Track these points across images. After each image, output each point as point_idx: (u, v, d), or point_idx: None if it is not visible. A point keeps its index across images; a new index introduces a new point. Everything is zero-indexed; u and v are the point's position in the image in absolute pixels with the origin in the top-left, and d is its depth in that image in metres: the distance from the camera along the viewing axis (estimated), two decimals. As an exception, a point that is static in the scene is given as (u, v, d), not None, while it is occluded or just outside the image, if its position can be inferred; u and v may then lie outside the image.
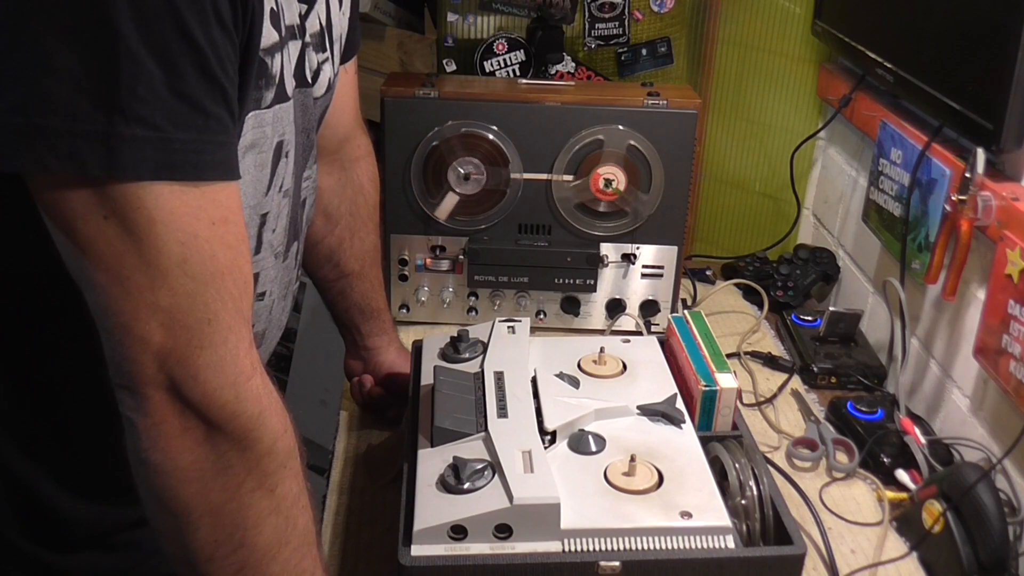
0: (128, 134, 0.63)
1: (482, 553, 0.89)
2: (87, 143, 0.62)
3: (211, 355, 0.69)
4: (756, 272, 1.67)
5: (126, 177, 0.64)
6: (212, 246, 0.68)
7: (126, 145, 0.63)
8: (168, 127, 0.65)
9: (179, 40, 0.64)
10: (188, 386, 0.69)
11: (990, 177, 1.15)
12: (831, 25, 1.57)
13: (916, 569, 1.08)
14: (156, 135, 0.64)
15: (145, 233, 0.65)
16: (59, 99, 0.62)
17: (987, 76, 1.11)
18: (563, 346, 1.22)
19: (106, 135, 0.62)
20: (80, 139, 0.62)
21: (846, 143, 1.66)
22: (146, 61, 0.63)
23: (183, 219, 0.66)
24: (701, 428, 1.11)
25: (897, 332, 1.39)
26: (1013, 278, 1.07)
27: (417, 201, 1.44)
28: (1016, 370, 1.06)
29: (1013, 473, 1.13)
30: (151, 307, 0.67)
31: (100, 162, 0.63)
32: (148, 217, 0.65)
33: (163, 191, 0.65)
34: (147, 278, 0.66)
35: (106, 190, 0.64)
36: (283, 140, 0.85)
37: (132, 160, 0.63)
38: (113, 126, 0.62)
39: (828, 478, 1.22)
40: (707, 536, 0.92)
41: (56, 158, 0.62)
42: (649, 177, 1.44)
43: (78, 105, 0.62)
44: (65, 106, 0.62)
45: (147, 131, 0.64)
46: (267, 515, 0.74)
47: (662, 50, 1.64)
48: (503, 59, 1.60)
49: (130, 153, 0.63)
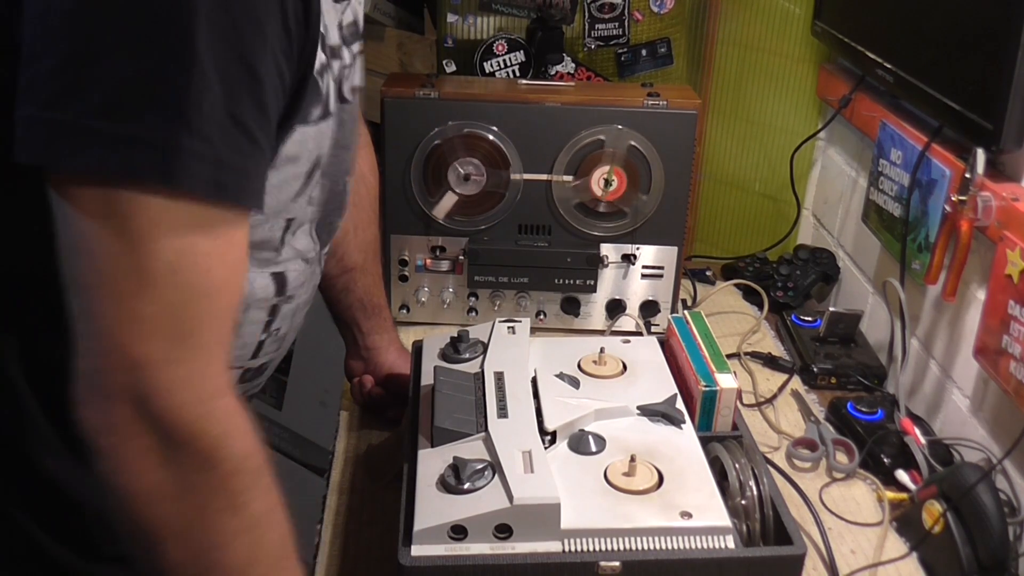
0: (189, 147, 0.64)
1: (482, 553, 0.89)
2: (149, 151, 0.63)
3: (184, 370, 0.68)
4: (756, 272, 1.67)
5: (180, 188, 0.65)
6: (210, 261, 0.68)
7: (186, 157, 0.64)
8: (222, 147, 0.66)
9: (241, 67, 0.66)
10: (156, 399, 0.68)
11: (990, 177, 1.15)
12: (831, 25, 1.57)
13: (916, 569, 1.08)
14: (212, 152, 0.65)
15: (145, 239, 0.65)
16: (128, 106, 0.63)
17: (987, 76, 1.11)
18: (563, 346, 1.22)
19: (169, 146, 0.64)
20: (142, 146, 0.63)
21: (846, 143, 1.66)
22: (213, 81, 0.64)
23: (195, 233, 0.67)
24: (701, 428, 1.11)
25: (897, 332, 1.39)
26: (1013, 278, 1.07)
27: (417, 201, 1.44)
28: (1016, 370, 1.06)
29: (1013, 473, 1.13)
30: (134, 314, 0.66)
31: (157, 171, 0.64)
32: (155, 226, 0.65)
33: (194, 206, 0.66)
34: (136, 284, 0.66)
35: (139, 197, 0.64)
36: (321, 156, 0.86)
37: (187, 173, 0.65)
38: (178, 138, 0.64)
39: (828, 478, 1.22)
40: (707, 536, 0.92)
41: (116, 162, 0.63)
42: (649, 177, 1.44)
43: (146, 114, 0.63)
44: (133, 113, 0.63)
45: (205, 147, 0.65)
46: (236, 534, 0.73)
47: (662, 51, 1.64)
48: (503, 60, 1.60)
49: (187, 166, 0.64)
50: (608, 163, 1.42)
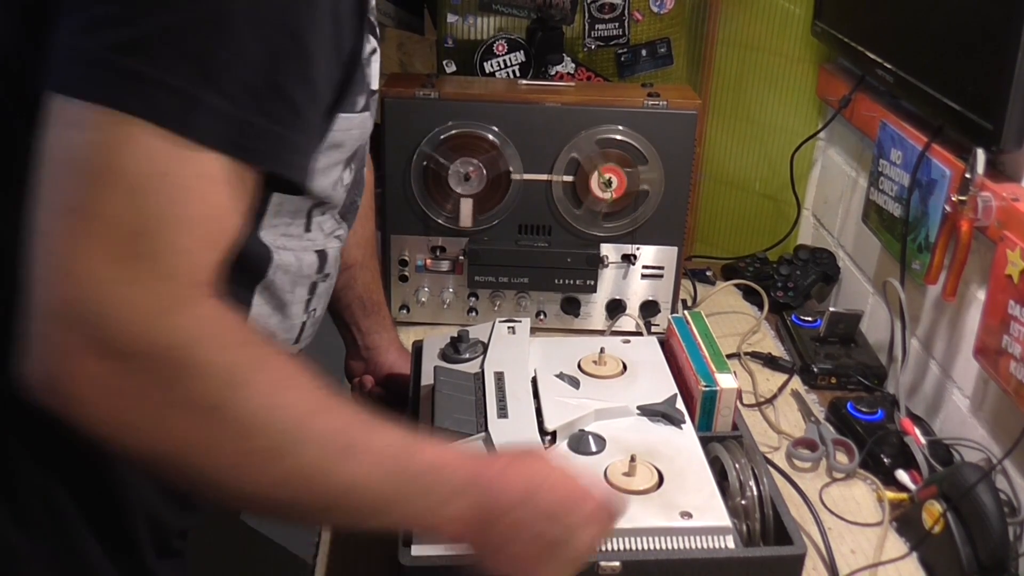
0: (211, 103, 0.64)
1: (482, 553, 0.89)
2: (174, 98, 0.64)
3: (134, 290, 0.63)
4: (756, 273, 1.67)
5: (192, 138, 0.64)
6: (186, 195, 0.65)
7: (206, 111, 0.64)
8: (251, 111, 0.66)
9: (287, 39, 0.67)
10: (103, 319, 0.62)
11: (990, 177, 1.15)
12: (831, 26, 1.57)
13: (916, 569, 1.08)
14: (236, 114, 0.65)
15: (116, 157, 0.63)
16: (162, 53, 0.63)
17: (987, 76, 1.11)
18: (563, 346, 1.22)
19: (193, 97, 0.64)
20: (168, 93, 0.64)
21: (846, 144, 1.66)
22: (251, 46, 0.65)
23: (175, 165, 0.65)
24: (701, 428, 1.11)
25: (897, 332, 1.39)
26: (1013, 278, 1.07)
27: (417, 201, 1.44)
28: (1016, 370, 1.06)
29: (1013, 473, 1.13)
30: (86, 227, 0.63)
31: (177, 117, 0.64)
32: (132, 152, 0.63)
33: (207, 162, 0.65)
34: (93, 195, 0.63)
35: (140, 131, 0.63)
36: (361, 146, 0.86)
37: (206, 127, 0.65)
38: (202, 91, 0.64)
39: (828, 478, 1.22)
40: (707, 536, 0.92)
41: (137, 100, 0.63)
42: (649, 178, 1.44)
43: (177, 63, 0.64)
44: (165, 60, 0.63)
45: (230, 107, 0.65)
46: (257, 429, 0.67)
47: (662, 51, 1.64)
48: (503, 60, 1.60)
49: (207, 120, 0.65)
50: (608, 163, 1.42)
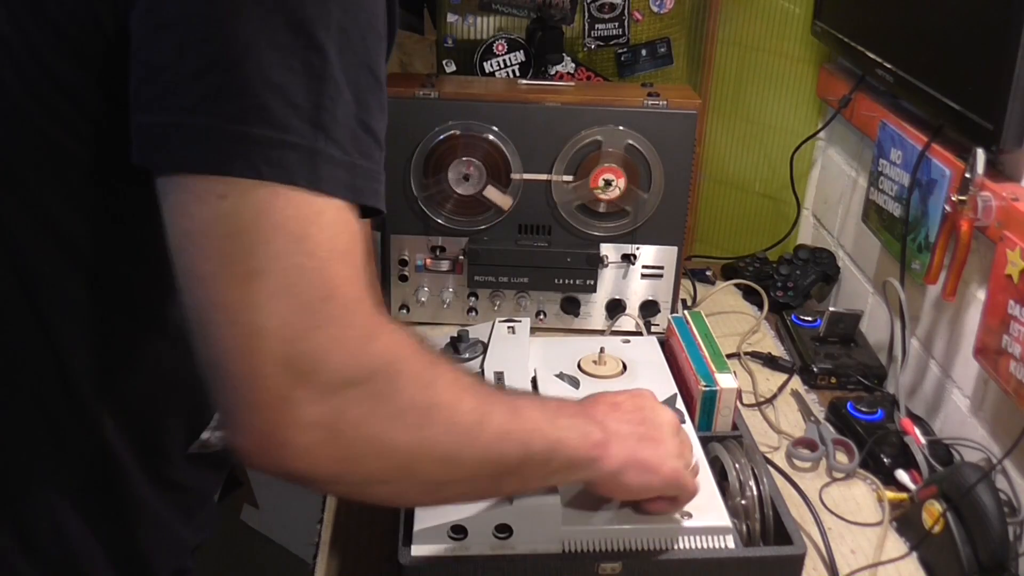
0: (328, 153, 0.65)
1: (482, 554, 0.89)
2: (297, 155, 0.64)
3: (331, 330, 0.65)
4: (756, 272, 1.67)
5: (321, 189, 0.65)
6: (335, 228, 0.67)
7: (326, 162, 0.65)
8: (355, 153, 0.67)
9: (367, 74, 0.68)
10: (317, 366, 0.64)
11: (990, 177, 1.15)
12: (831, 25, 1.57)
13: (916, 569, 1.08)
14: (346, 159, 0.66)
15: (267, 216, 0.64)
16: (275, 112, 0.64)
17: (987, 76, 1.11)
18: (563, 346, 1.22)
19: (312, 150, 0.65)
20: (291, 151, 0.64)
21: (846, 143, 1.66)
22: (344, 89, 0.66)
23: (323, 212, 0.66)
24: (701, 428, 1.11)
25: (897, 332, 1.39)
26: (1013, 278, 1.07)
27: (417, 201, 1.44)
28: (1016, 370, 1.06)
29: (1013, 473, 1.13)
30: (264, 288, 0.63)
31: (305, 175, 0.64)
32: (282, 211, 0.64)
33: (333, 206, 0.66)
34: (260, 258, 0.64)
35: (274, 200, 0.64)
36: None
37: (329, 177, 0.65)
38: (318, 143, 0.65)
39: (828, 478, 1.22)
40: (707, 536, 0.92)
41: (268, 166, 0.63)
42: (649, 177, 1.44)
43: (291, 120, 0.64)
44: (280, 120, 0.64)
45: (341, 154, 0.66)
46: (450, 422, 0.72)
47: (662, 50, 1.64)
48: (503, 60, 1.60)
49: (328, 170, 0.65)
50: (608, 163, 1.42)
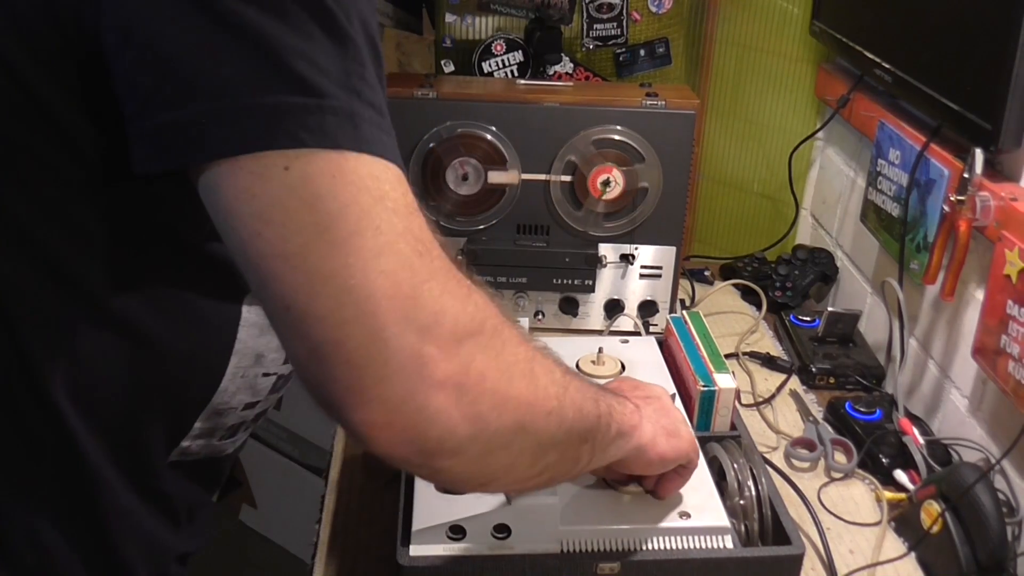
0: (366, 114, 0.64)
1: (481, 554, 0.89)
2: (337, 120, 0.62)
3: (440, 281, 0.64)
4: (754, 272, 1.67)
5: (371, 151, 0.63)
6: (398, 187, 0.66)
7: (365, 123, 0.64)
8: (385, 111, 0.67)
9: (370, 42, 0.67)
10: (443, 323, 0.63)
11: (988, 177, 1.15)
12: (829, 25, 1.57)
13: (914, 569, 1.08)
14: (381, 118, 0.66)
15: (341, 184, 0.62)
16: (309, 80, 0.62)
17: (985, 76, 1.11)
18: (562, 346, 1.21)
19: (351, 112, 0.63)
20: (330, 116, 0.62)
21: (844, 143, 1.66)
22: (364, 50, 0.65)
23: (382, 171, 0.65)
24: (699, 428, 1.11)
25: (895, 332, 1.39)
26: (1011, 278, 1.07)
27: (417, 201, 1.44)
28: (1015, 370, 1.07)
29: (1012, 473, 1.13)
30: (375, 247, 0.61)
31: (349, 137, 0.63)
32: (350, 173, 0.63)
33: (385, 166, 0.65)
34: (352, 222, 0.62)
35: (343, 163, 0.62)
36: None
37: (371, 137, 0.64)
38: (354, 105, 0.63)
39: (826, 478, 1.22)
40: (706, 536, 0.92)
41: (310, 134, 0.61)
42: (648, 178, 1.44)
43: (324, 85, 0.62)
44: (316, 86, 0.62)
45: (375, 114, 0.65)
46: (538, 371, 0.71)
47: (660, 51, 1.64)
48: (501, 60, 1.60)
49: (369, 131, 0.64)
50: (606, 163, 1.42)
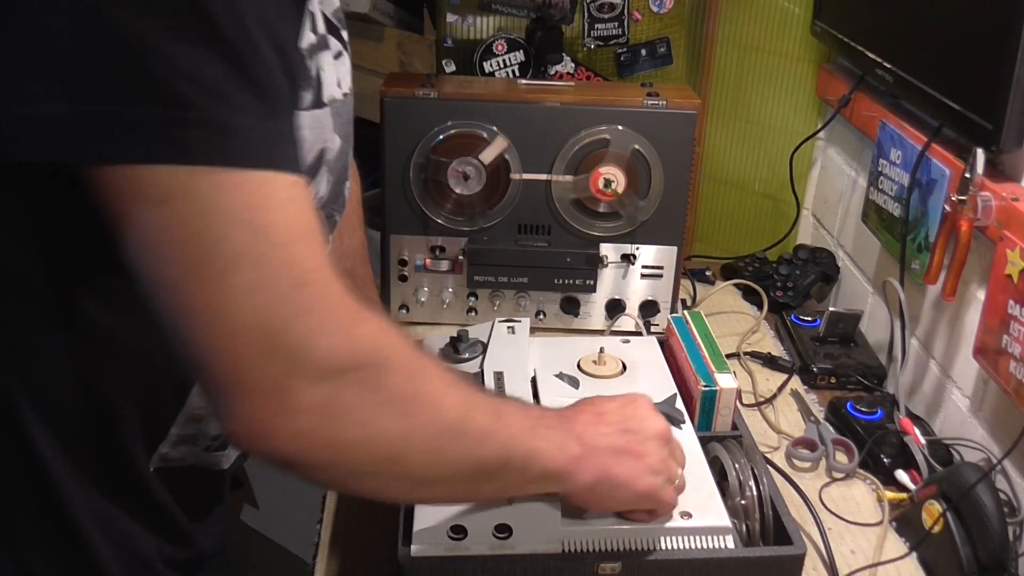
0: (244, 125, 0.62)
1: (482, 554, 0.89)
2: (199, 132, 0.60)
3: (315, 315, 0.64)
4: (756, 272, 1.67)
5: (252, 165, 0.62)
6: (287, 209, 0.64)
7: (242, 136, 0.62)
8: (284, 119, 0.65)
9: (277, 46, 0.64)
10: (306, 356, 0.64)
11: (990, 177, 1.15)
12: (830, 25, 1.57)
13: (916, 569, 1.08)
14: (272, 126, 0.64)
15: (214, 211, 0.61)
16: (171, 89, 0.60)
17: (986, 76, 1.11)
18: (563, 346, 1.22)
19: (222, 125, 0.61)
20: (192, 128, 0.60)
21: (845, 143, 1.66)
22: (259, 58, 0.63)
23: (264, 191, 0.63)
24: (701, 428, 1.11)
25: (897, 332, 1.39)
26: (1013, 278, 1.07)
27: (416, 201, 1.44)
28: (1016, 370, 1.06)
29: (1013, 473, 1.13)
30: (238, 285, 0.62)
31: (217, 152, 0.61)
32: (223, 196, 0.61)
33: (273, 183, 0.63)
34: (225, 257, 0.61)
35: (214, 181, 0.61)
36: (325, 148, 0.82)
37: (251, 149, 0.62)
38: (232, 117, 0.61)
39: (828, 478, 1.22)
40: (707, 536, 0.92)
41: (161, 147, 0.60)
42: (649, 177, 1.44)
43: (193, 96, 0.60)
44: (180, 97, 0.60)
45: (260, 123, 0.63)
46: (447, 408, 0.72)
47: (661, 50, 1.64)
48: (502, 60, 1.60)
49: (250, 143, 0.62)
50: (608, 163, 1.42)
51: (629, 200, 1.44)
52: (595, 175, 1.42)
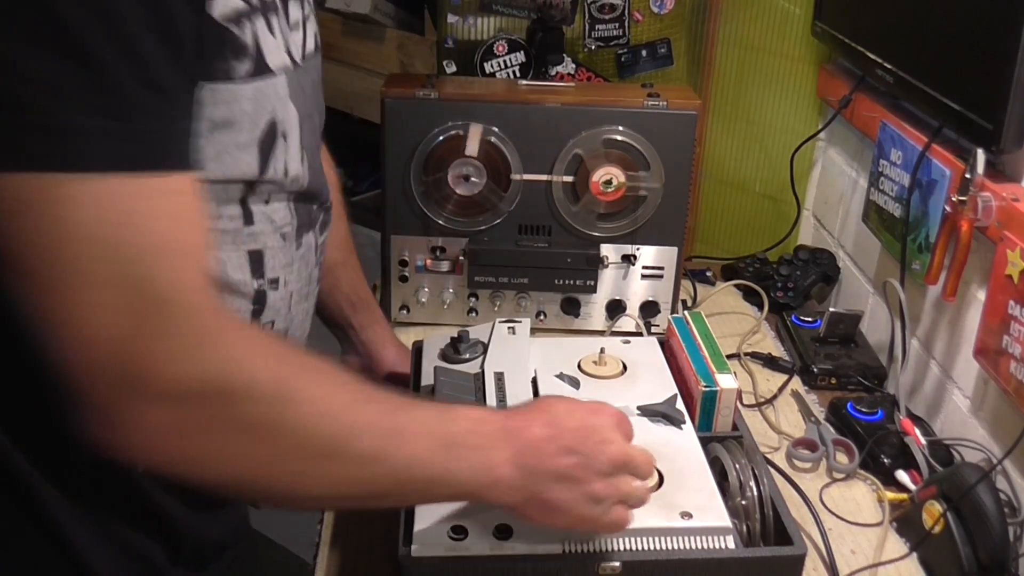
0: (80, 125, 0.60)
1: (482, 554, 0.89)
2: (35, 136, 0.59)
3: (168, 339, 0.63)
4: (756, 273, 1.67)
5: (82, 169, 0.60)
6: (145, 221, 0.62)
7: (96, 139, 0.60)
8: (135, 115, 0.61)
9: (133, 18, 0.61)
10: (154, 377, 0.63)
11: (990, 178, 1.15)
12: (831, 26, 1.57)
13: (916, 570, 1.08)
14: (120, 124, 0.61)
15: (62, 222, 0.60)
16: (9, 92, 0.58)
17: (987, 77, 1.11)
18: (563, 347, 1.22)
19: (56, 127, 0.59)
20: (29, 132, 0.59)
21: (846, 144, 1.66)
22: (127, 54, 0.60)
23: (117, 201, 0.61)
24: (701, 429, 1.11)
25: (897, 333, 1.39)
26: (1013, 279, 1.07)
27: (417, 202, 1.44)
28: (1016, 370, 1.06)
29: (1013, 474, 1.13)
30: (89, 302, 0.61)
31: (48, 156, 0.59)
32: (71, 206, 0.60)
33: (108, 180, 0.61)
34: (76, 270, 0.61)
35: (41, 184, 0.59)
36: (275, 120, 0.78)
37: (87, 153, 0.60)
38: (60, 117, 0.59)
39: (828, 479, 1.22)
40: (707, 537, 0.92)
41: (4, 152, 0.59)
42: (649, 178, 1.44)
43: (38, 100, 0.58)
44: (9, 98, 0.58)
45: (105, 121, 0.60)
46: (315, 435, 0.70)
47: (662, 51, 1.64)
48: (503, 60, 1.60)
49: (106, 146, 0.60)
50: (608, 164, 1.42)
51: (631, 198, 1.44)
52: (595, 176, 1.42)
